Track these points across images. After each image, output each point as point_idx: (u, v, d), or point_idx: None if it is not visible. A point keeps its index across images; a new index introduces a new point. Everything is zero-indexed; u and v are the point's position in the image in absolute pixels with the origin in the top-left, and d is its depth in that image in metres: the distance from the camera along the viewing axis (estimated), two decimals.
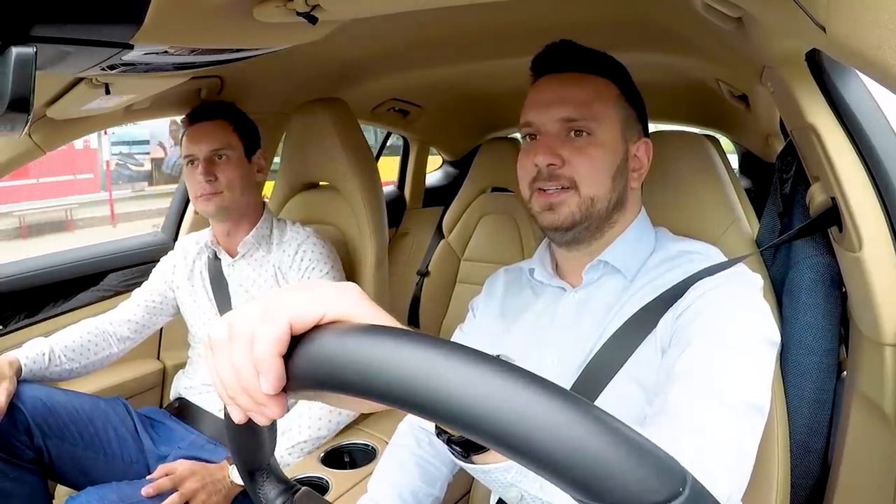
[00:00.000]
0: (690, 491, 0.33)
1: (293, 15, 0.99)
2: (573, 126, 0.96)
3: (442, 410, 0.36)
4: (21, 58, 0.70)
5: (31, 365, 1.48)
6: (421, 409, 0.37)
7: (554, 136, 0.97)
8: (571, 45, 1.01)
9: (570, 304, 1.04)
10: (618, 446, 0.33)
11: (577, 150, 0.95)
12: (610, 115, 0.97)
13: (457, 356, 0.37)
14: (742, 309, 0.87)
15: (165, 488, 1.33)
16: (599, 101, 0.97)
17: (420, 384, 0.36)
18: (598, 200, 0.96)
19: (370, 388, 0.38)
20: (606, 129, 0.96)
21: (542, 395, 0.35)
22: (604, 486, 0.33)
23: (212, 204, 1.63)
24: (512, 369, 0.36)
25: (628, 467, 0.33)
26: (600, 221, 0.98)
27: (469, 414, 0.35)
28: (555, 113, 0.96)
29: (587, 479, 0.33)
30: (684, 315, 0.89)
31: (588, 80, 0.98)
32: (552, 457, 0.33)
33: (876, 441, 1.01)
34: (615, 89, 0.99)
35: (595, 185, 0.96)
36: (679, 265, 0.98)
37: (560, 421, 0.34)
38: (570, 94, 0.97)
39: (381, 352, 0.39)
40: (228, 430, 0.54)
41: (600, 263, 1.02)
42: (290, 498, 0.59)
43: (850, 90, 1.00)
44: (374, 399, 0.38)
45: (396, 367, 0.37)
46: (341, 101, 1.93)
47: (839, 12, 0.54)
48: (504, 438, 0.34)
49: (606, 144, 0.96)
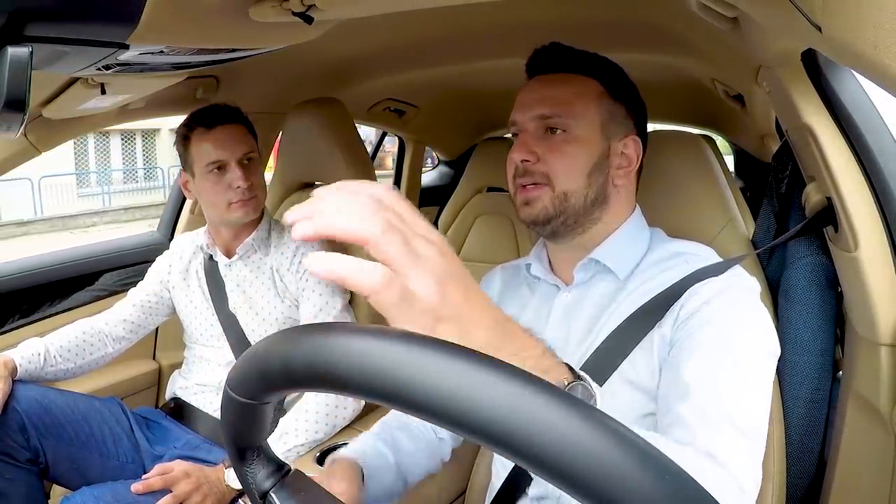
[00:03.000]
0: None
1: (289, 15, 0.99)
2: (548, 123, 0.99)
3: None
4: (16, 58, 0.70)
5: (27, 365, 1.47)
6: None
7: (531, 134, 1.00)
8: (558, 48, 1.03)
9: (562, 303, 1.05)
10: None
11: (551, 147, 0.98)
12: (589, 113, 0.99)
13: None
14: (747, 325, 0.88)
15: (156, 487, 1.33)
16: (579, 100, 0.99)
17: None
18: (572, 195, 0.98)
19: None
20: (584, 127, 0.98)
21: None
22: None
23: (249, 209, 1.60)
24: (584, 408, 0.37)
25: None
26: (577, 216, 0.99)
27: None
28: (532, 111, 1.00)
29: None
30: (689, 322, 0.88)
31: (571, 80, 1.01)
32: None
33: (872, 440, 1.01)
34: (597, 87, 1.01)
35: (568, 181, 0.98)
36: (674, 266, 0.98)
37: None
38: (550, 93, 1.00)
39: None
40: (226, 407, 0.53)
41: (591, 262, 1.02)
42: (280, 479, 0.58)
43: (845, 90, 1.00)
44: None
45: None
46: (337, 101, 1.93)
47: (835, 12, 0.54)
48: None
49: (582, 141, 0.98)
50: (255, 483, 0.57)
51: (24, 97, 0.72)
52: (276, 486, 0.57)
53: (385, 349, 0.40)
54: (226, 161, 1.57)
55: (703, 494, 0.35)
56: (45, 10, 0.72)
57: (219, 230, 1.70)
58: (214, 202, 1.60)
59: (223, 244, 1.71)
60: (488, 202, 2.63)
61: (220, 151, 1.56)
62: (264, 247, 1.69)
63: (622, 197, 1.04)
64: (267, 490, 0.57)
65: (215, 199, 1.60)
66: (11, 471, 1.37)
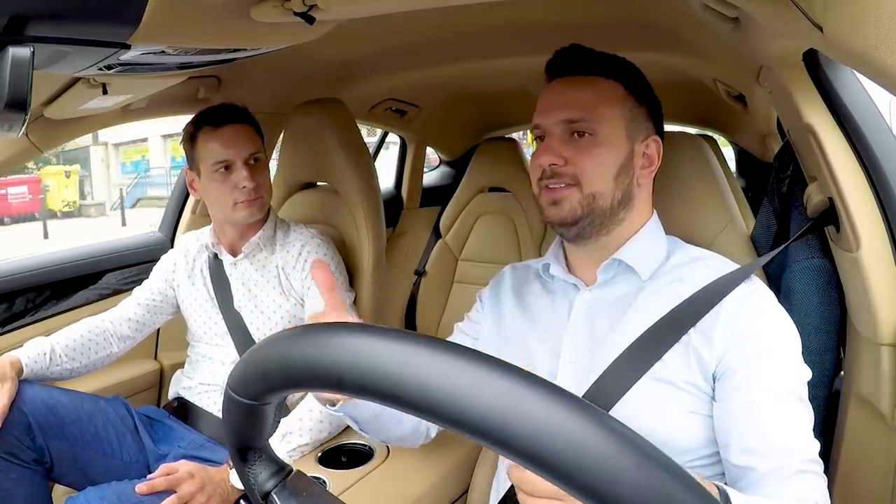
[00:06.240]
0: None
1: (290, 15, 0.99)
2: (575, 128, 0.99)
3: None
4: (18, 57, 0.70)
5: (33, 365, 1.47)
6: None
7: (557, 138, 1.01)
8: (579, 49, 1.04)
9: (584, 302, 1.05)
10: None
11: (579, 150, 0.99)
12: (613, 116, 1.00)
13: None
14: (789, 345, 0.92)
15: (160, 488, 1.33)
16: (603, 103, 1.00)
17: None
18: (600, 197, 0.99)
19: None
20: (609, 129, 0.99)
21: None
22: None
23: (254, 209, 1.61)
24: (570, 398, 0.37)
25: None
26: (604, 217, 1.00)
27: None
28: (557, 115, 1.00)
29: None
30: (732, 342, 0.91)
31: (593, 83, 1.02)
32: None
33: (873, 440, 1.01)
34: (621, 90, 1.02)
35: (597, 182, 0.99)
36: (695, 270, 1.00)
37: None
38: (573, 97, 1.01)
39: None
40: (228, 408, 0.53)
41: (615, 262, 1.03)
42: (282, 480, 0.58)
43: (847, 90, 1.00)
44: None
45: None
46: (339, 102, 1.93)
47: (836, 12, 0.54)
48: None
49: (609, 143, 0.99)
50: (256, 484, 0.57)
51: (25, 97, 0.72)
52: (278, 488, 0.57)
53: (386, 349, 0.40)
54: (232, 161, 1.57)
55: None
56: (47, 11, 0.72)
57: (224, 229, 1.70)
58: (220, 201, 1.61)
59: (228, 243, 1.71)
60: (490, 202, 2.63)
61: (227, 151, 1.56)
62: (270, 245, 1.70)
63: (644, 196, 1.06)
64: (269, 491, 0.57)
65: (221, 199, 1.60)
66: (16, 471, 1.38)
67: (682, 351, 0.93)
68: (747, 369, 0.89)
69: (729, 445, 0.89)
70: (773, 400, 0.87)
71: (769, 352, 0.90)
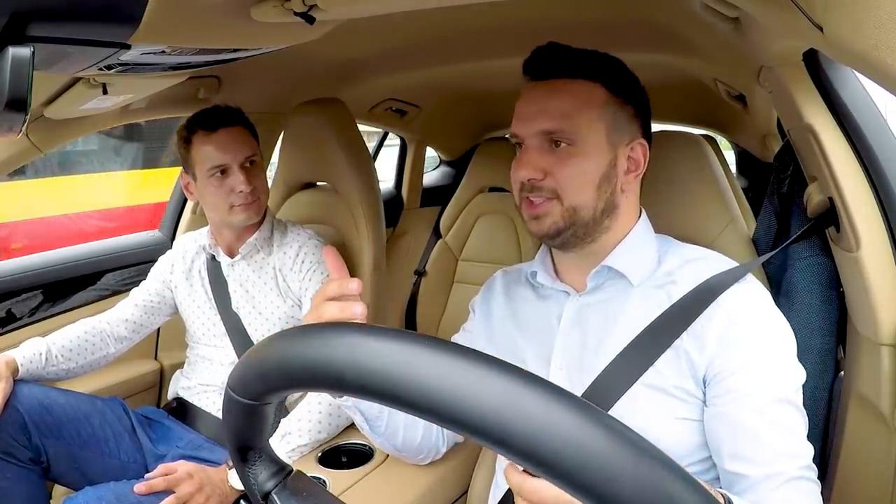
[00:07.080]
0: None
1: (290, 15, 0.99)
2: (553, 138, 0.95)
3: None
4: (18, 57, 0.70)
5: (28, 365, 1.47)
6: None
7: (535, 150, 0.96)
8: (556, 49, 0.98)
9: (574, 308, 1.03)
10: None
11: (558, 162, 0.95)
12: (594, 123, 0.95)
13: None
14: (784, 348, 0.91)
15: (158, 488, 1.32)
16: (582, 110, 0.95)
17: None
18: (582, 209, 0.95)
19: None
20: (589, 138, 0.95)
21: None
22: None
23: (251, 212, 1.60)
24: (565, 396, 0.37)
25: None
26: (587, 228, 0.97)
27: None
28: (535, 125, 0.96)
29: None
30: (724, 344, 0.89)
31: (571, 87, 0.96)
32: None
33: (873, 440, 1.01)
34: (602, 93, 0.97)
35: (577, 195, 0.95)
36: (689, 271, 0.97)
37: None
38: (551, 105, 0.96)
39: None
40: (228, 408, 0.53)
41: (604, 269, 1.00)
42: (282, 480, 0.58)
43: (847, 90, 1.00)
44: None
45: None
46: (339, 102, 1.92)
47: (836, 12, 0.54)
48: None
49: (588, 153, 0.95)
50: (256, 484, 0.57)
51: (25, 97, 0.72)
52: (279, 488, 0.57)
53: (385, 349, 0.40)
54: (228, 165, 1.56)
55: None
56: (47, 10, 0.72)
57: (221, 231, 1.70)
58: (217, 205, 1.60)
59: (226, 244, 1.71)
60: (490, 202, 2.63)
61: (222, 155, 1.56)
62: (267, 247, 1.69)
63: (630, 201, 1.02)
64: (269, 491, 0.57)
65: (217, 203, 1.59)
66: (13, 470, 1.37)
67: (673, 355, 0.91)
68: (738, 374, 0.87)
69: (720, 451, 0.88)
70: (765, 405, 0.86)
71: (761, 356, 0.88)
